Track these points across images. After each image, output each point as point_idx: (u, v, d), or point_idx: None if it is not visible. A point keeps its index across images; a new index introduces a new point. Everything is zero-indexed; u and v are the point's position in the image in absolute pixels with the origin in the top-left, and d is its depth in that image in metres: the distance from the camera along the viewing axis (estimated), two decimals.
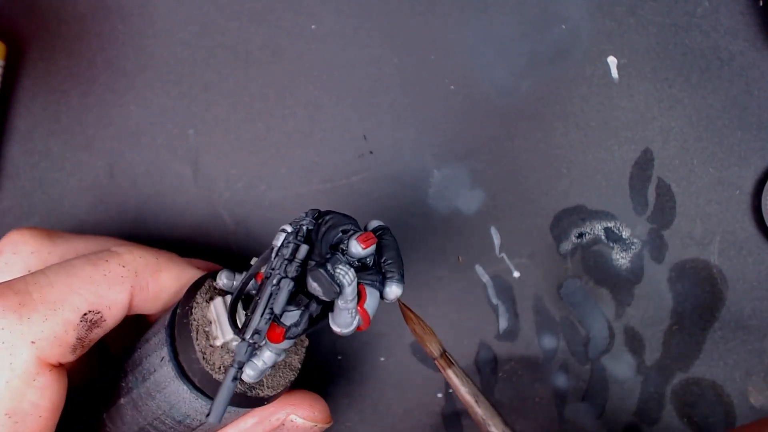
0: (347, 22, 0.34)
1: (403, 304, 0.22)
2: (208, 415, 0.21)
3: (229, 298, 0.24)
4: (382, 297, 0.22)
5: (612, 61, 0.34)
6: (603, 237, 0.34)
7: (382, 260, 0.22)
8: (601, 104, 0.34)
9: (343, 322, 0.21)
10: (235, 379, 0.21)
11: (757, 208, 0.33)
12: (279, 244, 0.21)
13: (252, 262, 0.23)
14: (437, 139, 0.34)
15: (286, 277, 0.21)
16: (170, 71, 0.33)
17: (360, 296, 0.21)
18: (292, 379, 0.25)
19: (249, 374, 0.22)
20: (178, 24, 0.33)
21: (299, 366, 0.25)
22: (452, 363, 0.18)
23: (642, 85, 0.34)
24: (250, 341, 0.21)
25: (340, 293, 0.20)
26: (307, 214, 0.22)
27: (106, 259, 0.23)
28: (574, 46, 0.34)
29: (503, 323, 0.34)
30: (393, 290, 0.22)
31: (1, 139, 0.33)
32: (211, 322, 0.23)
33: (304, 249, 0.21)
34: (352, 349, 0.34)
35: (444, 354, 0.19)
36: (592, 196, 0.34)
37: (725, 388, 0.34)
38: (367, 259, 0.22)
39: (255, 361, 0.22)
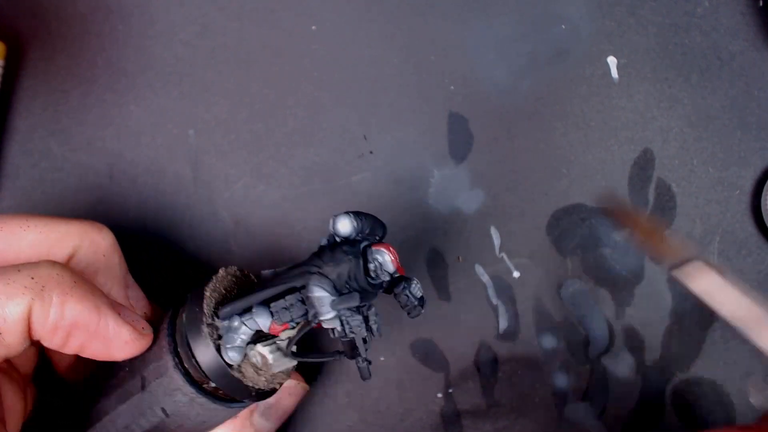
0: (347, 23, 0.34)
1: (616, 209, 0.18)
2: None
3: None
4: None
5: (612, 61, 0.34)
6: (603, 237, 0.34)
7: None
8: (601, 104, 0.34)
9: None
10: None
11: (757, 208, 0.33)
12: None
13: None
14: (437, 139, 0.34)
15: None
16: (170, 71, 0.33)
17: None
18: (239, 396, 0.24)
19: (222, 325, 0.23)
20: (178, 24, 0.33)
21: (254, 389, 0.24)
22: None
23: (642, 85, 0.34)
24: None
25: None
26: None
27: (18, 268, 0.20)
28: (574, 46, 0.34)
29: (503, 323, 0.34)
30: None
31: (1, 139, 0.33)
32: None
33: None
34: None
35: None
36: (592, 196, 0.34)
37: (725, 387, 0.34)
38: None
39: (234, 332, 0.23)
